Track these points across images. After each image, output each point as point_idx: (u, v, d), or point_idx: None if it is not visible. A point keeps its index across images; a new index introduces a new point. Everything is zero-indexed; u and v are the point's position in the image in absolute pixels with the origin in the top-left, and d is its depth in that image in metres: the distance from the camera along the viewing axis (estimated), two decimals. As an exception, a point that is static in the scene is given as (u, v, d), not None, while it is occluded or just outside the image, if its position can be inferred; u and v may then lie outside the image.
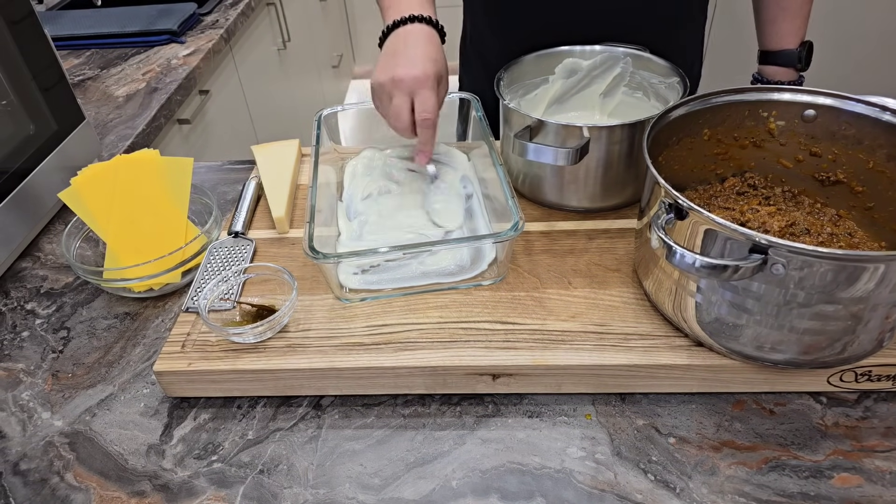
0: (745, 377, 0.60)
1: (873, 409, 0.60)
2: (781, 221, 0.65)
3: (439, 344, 0.63)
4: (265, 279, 0.71)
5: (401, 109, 0.71)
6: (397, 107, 0.71)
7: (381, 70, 0.72)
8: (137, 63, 1.45)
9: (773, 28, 0.94)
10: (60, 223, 0.92)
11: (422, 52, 0.72)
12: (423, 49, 0.72)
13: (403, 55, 0.72)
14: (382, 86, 0.72)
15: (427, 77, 0.70)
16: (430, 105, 0.71)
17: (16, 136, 0.86)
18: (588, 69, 0.87)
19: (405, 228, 0.77)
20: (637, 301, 0.66)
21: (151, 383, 0.67)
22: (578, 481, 0.56)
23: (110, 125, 1.20)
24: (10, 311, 0.78)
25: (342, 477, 0.57)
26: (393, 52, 0.73)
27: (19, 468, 0.60)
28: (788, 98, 0.66)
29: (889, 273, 0.49)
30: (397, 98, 0.71)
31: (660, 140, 0.65)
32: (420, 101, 0.70)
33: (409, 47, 0.73)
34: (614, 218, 0.78)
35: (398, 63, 0.71)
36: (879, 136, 0.62)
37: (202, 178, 0.97)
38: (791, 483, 0.55)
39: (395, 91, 0.71)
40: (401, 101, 0.71)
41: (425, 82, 0.70)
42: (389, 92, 0.71)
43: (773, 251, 0.49)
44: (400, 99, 0.71)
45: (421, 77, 0.70)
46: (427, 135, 0.72)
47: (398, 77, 0.70)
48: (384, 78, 0.71)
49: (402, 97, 0.71)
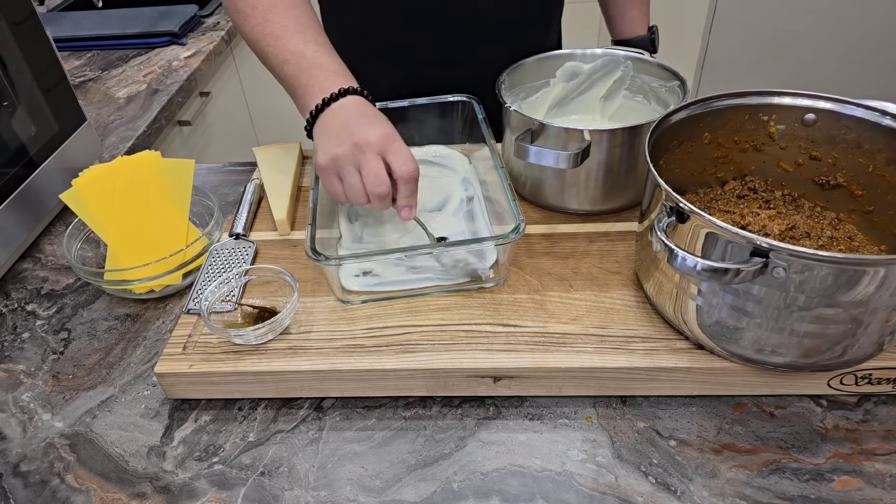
0: (745, 380, 0.60)
1: (873, 412, 0.60)
2: (782, 225, 0.65)
3: (441, 346, 0.63)
4: (266, 281, 0.71)
5: (379, 171, 0.63)
6: (374, 170, 0.63)
7: (332, 144, 0.65)
8: (138, 65, 1.45)
9: (623, 18, 1.01)
10: (61, 224, 0.92)
11: (370, 112, 0.67)
12: (369, 111, 0.67)
13: (355, 122, 0.65)
14: (340, 157, 0.64)
15: (392, 130, 0.65)
16: (408, 156, 0.64)
17: (17, 138, 0.86)
18: (589, 72, 0.87)
19: (407, 229, 0.77)
20: (638, 304, 0.66)
21: (152, 385, 0.67)
22: (579, 484, 0.56)
23: (111, 126, 1.20)
24: (10, 312, 0.78)
25: (343, 479, 0.58)
26: (340, 126, 0.65)
27: (20, 470, 0.60)
28: (789, 102, 0.66)
29: (889, 277, 0.49)
30: (369, 163, 0.63)
31: (661, 143, 0.65)
32: (397, 155, 0.64)
33: (357, 115, 0.66)
34: (615, 221, 0.78)
35: (353, 130, 0.64)
36: (879, 141, 0.62)
37: (203, 179, 0.97)
38: (791, 486, 0.55)
39: (363, 156, 0.63)
40: (374, 163, 0.63)
41: (392, 136, 0.65)
42: (354, 161, 0.64)
43: (774, 255, 0.49)
44: (372, 162, 0.63)
45: (387, 132, 0.64)
46: (412, 188, 0.65)
47: (361, 140, 0.63)
48: (341, 149, 0.64)
49: (375, 159, 0.63)
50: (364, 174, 0.64)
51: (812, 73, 2.12)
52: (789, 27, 2.04)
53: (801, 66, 2.11)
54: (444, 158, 0.88)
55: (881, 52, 2.07)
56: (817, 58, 2.10)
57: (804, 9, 1.99)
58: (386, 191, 0.64)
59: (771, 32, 2.05)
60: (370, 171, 0.63)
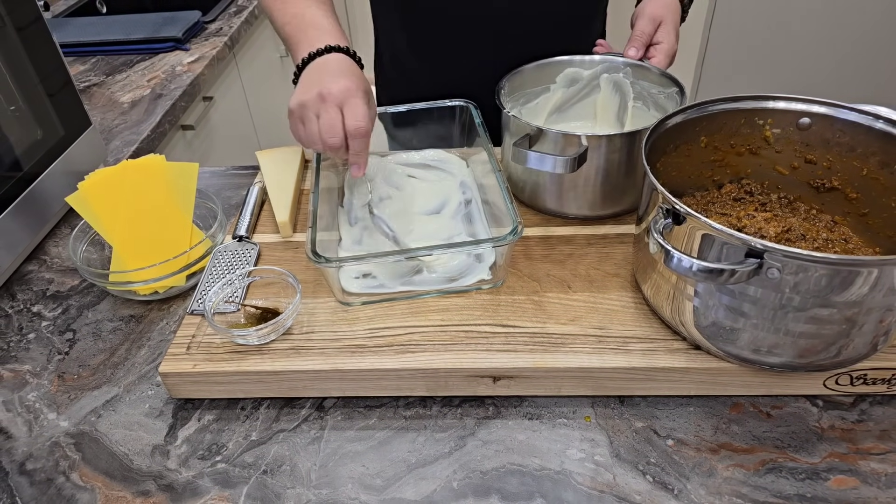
0: (742, 380, 0.61)
1: (869, 412, 0.61)
2: (778, 227, 0.66)
3: (440, 346, 0.64)
4: (269, 282, 0.72)
5: (334, 122, 0.67)
6: (330, 120, 0.67)
7: (302, 91, 0.69)
8: (142, 70, 1.46)
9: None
10: (66, 227, 0.93)
11: (347, 68, 0.71)
12: (347, 68, 0.71)
13: (328, 75, 0.70)
14: (305, 104, 0.68)
15: (357, 87, 0.69)
16: (361, 113, 0.68)
17: (24, 141, 0.87)
18: (588, 79, 0.88)
19: (406, 233, 0.78)
20: (636, 305, 0.67)
21: (156, 385, 0.68)
22: (578, 482, 0.57)
23: (115, 131, 1.21)
24: (16, 313, 0.78)
25: (344, 477, 0.58)
26: (315, 77, 0.70)
27: (25, 468, 0.61)
28: (784, 106, 0.67)
29: (882, 277, 0.50)
30: (327, 112, 0.68)
31: (658, 147, 0.66)
32: (351, 110, 0.68)
33: (331, 70, 0.71)
34: (613, 224, 0.79)
35: (322, 81, 0.69)
36: (872, 144, 0.63)
37: (207, 183, 0.98)
38: (788, 485, 0.55)
39: (323, 105, 0.68)
40: (332, 113, 0.67)
41: (355, 92, 0.68)
42: (315, 108, 0.68)
43: (768, 255, 0.50)
44: (330, 111, 0.67)
45: (351, 87, 0.68)
46: (361, 145, 0.69)
47: (325, 91, 0.67)
48: (308, 96, 0.68)
49: (333, 110, 0.68)
50: (321, 123, 0.68)
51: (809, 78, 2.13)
52: (786, 33, 2.05)
53: (798, 71, 2.12)
54: (443, 162, 0.89)
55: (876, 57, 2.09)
56: (813, 62, 2.11)
57: (800, 15, 2.01)
58: (338, 143, 0.68)
59: (768, 38, 2.07)
60: (326, 120, 0.68)
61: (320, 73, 0.71)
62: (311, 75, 0.71)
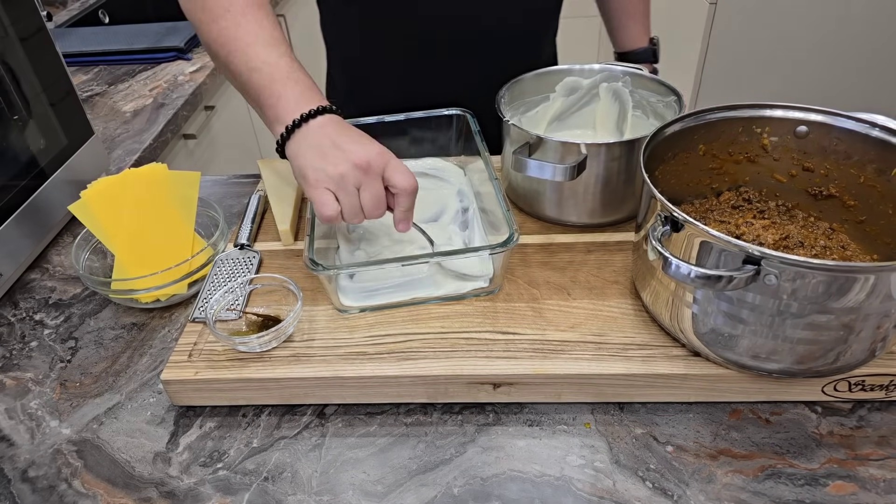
0: (741, 386, 0.61)
1: (867, 418, 0.61)
2: (776, 234, 0.67)
3: (441, 353, 0.64)
4: (270, 290, 0.72)
5: (380, 193, 0.64)
6: (377, 192, 0.64)
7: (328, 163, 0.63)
8: (144, 79, 1.47)
9: (625, 33, 1.07)
10: (68, 235, 0.94)
11: (358, 133, 0.66)
12: (356, 131, 0.67)
13: (345, 141, 0.64)
14: (345, 177, 0.63)
15: (385, 149, 0.65)
16: (408, 171, 0.65)
17: (27, 150, 0.88)
18: (588, 87, 0.89)
19: (404, 242, 0.78)
20: (635, 312, 0.68)
21: (158, 392, 0.68)
22: (578, 489, 0.57)
23: (118, 140, 1.22)
24: (18, 321, 0.79)
25: (345, 484, 0.58)
26: (330, 144, 0.64)
27: (28, 475, 0.61)
28: (781, 115, 0.68)
29: (879, 284, 0.50)
30: (372, 184, 0.63)
31: (656, 155, 0.66)
32: (397, 171, 0.64)
33: (344, 134, 0.65)
34: (612, 231, 0.80)
35: (348, 150, 0.63)
36: (869, 152, 0.64)
37: (208, 191, 0.99)
38: (787, 491, 0.56)
39: (367, 177, 0.63)
40: (377, 185, 0.64)
41: (390, 153, 0.65)
42: (356, 181, 0.63)
43: (765, 262, 0.50)
44: (375, 183, 0.64)
45: (384, 151, 0.65)
46: (411, 202, 0.66)
47: (363, 160, 0.63)
48: (342, 168, 0.62)
49: (377, 180, 0.64)
50: (365, 196, 0.64)
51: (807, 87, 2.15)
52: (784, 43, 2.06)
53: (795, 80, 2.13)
54: (440, 171, 0.90)
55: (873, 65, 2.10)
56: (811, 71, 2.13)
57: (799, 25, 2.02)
58: (383, 212, 0.66)
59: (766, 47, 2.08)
60: (373, 193, 0.64)
61: (333, 140, 0.64)
62: (320, 143, 0.65)
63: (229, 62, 0.72)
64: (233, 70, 0.72)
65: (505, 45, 0.95)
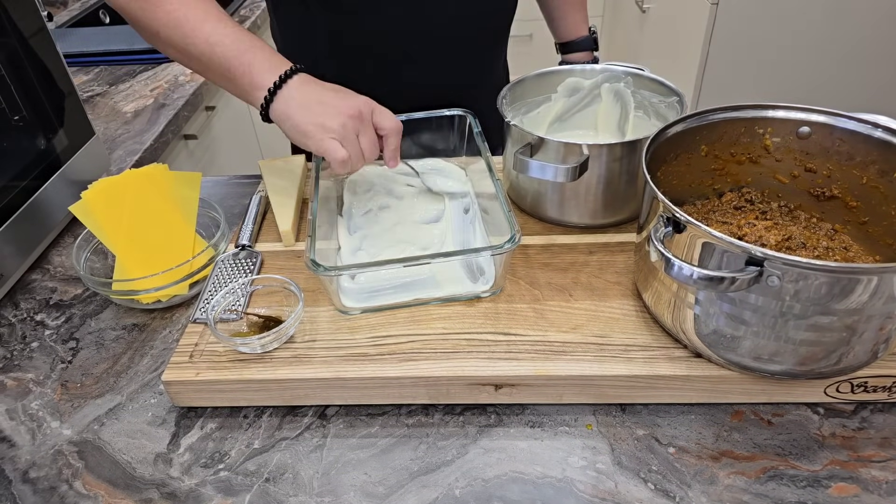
0: (743, 388, 0.61)
1: (869, 419, 0.61)
2: (778, 235, 0.66)
3: (442, 355, 0.64)
4: (272, 291, 0.72)
5: (374, 137, 0.72)
6: (372, 136, 0.72)
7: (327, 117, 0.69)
8: (145, 80, 1.47)
9: (565, 22, 1.09)
10: (69, 236, 0.93)
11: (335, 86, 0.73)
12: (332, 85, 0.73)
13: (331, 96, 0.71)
14: (346, 126, 0.69)
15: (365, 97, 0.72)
16: (391, 113, 0.73)
17: (28, 151, 0.88)
18: (590, 88, 0.89)
19: (405, 242, 0.78)
20: (637, 313, 0.67)
21: (159, 393, 0.68)
22: (580, 490, 0.57)
23: (118, 140, 1.22)
24: (19, 322, 0.79)
25: (347, 485, 0.58)
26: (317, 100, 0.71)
27: (28, 476, 0.61)
28: (783, 115, 0.67)
29: (882, 285, 0.50)
30: (367, 129, 0.71)
31: (658, 156, 0.66)
32: (383, 115, 0.72)
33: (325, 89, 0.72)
34: (614, 232, 0.80)
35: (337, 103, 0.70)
36: (872, 152, 0.64)
37: (209, 192, 0.99)
38: (789, 492, 0.55)
39: (363, 125, 0.71)
40: (371, 130, 0.72)
41: (370, 100, 0.72)
42: (356, 128, 0.70)
43: (768, 263, 0.50)
44: (370, 128, 0.72)
45: (366, 99, 0.72)
46: (399, 141, 0.74)
47: (355, 110, 0.70)
48: (341, 119, 0.69)
49: (370, 126, 0.72)
50: (364, 140, 0.71)
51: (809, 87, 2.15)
52: (786, 43, 2.06)
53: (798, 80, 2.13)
54: (441, 171, 0.89)
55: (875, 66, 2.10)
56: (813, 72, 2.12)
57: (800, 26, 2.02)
58: (378, 154, 0.74)
59: (768, 48, 2.08)
60: (370, 137, 0.71)
61: (319, 96, 0.71)
62: (308, 100, 0.71)
63: (187, 42, 0.73)
64: (192, 49, 0.73)
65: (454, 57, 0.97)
